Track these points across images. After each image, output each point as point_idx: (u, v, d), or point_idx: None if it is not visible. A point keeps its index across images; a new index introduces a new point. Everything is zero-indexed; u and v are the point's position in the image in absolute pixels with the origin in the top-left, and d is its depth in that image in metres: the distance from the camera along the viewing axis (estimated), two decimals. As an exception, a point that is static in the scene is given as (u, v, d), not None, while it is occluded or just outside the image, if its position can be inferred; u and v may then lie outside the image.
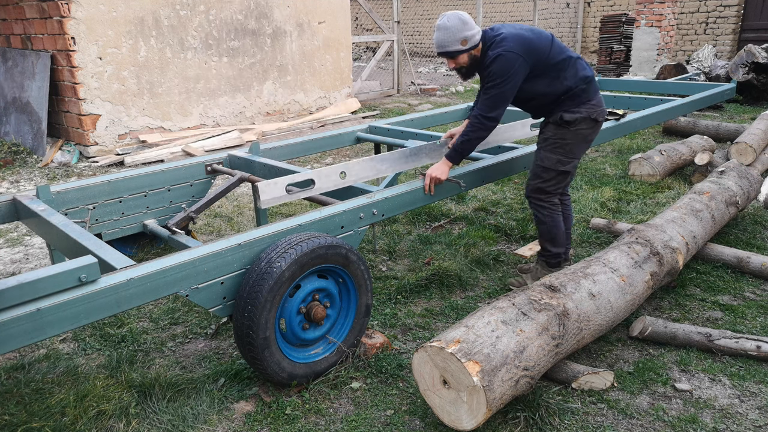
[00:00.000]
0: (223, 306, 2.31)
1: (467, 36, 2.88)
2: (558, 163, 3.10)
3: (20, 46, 6.74)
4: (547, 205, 3.19)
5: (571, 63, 3.03)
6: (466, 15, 2.93)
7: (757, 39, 11.48)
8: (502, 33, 2.92)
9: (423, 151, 3.24)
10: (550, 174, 3.13)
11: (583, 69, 3.07)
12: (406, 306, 3.20)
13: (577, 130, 3.06)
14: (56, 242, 2.62)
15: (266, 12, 7.70)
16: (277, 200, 2.65)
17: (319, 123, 8.06)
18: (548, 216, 3.20)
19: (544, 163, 3.12)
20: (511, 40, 2.88)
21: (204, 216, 4.62)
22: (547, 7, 15.61)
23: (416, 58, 17.95)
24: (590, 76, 3.08)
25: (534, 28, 3.06)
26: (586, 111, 3.04)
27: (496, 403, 2.06)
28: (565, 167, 3.11)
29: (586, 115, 3.04)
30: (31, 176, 5.85)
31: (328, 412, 2.36)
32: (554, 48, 3.00)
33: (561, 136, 3.08)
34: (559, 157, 3.09)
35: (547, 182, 3.15)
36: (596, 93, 3.12)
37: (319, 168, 2.78)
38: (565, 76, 3.01)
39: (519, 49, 2.86)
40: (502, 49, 2.86)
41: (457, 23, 2.86)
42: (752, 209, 4.39)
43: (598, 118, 3.10)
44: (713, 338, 2.67)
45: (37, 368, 2.67)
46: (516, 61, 2.85)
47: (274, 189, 2.61)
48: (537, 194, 3.19)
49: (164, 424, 2.27)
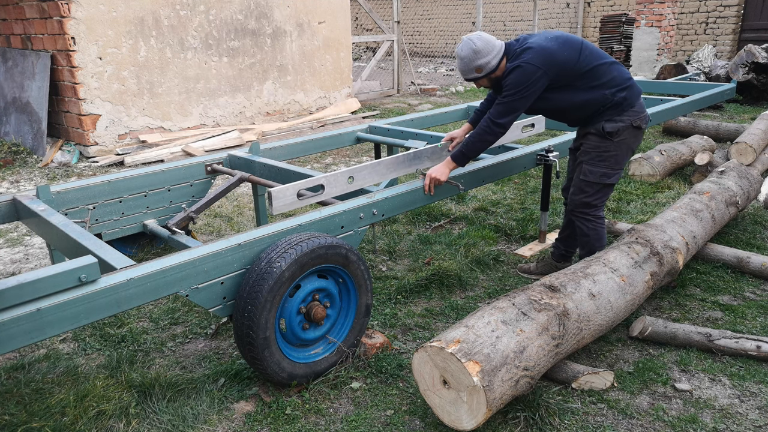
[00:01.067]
0: (223, 306, 2.31)
1: (480, 64, 2.88)
2: (603, 177, 3.03)
3: (20, 46, 6.74)
4: (592, 218, 3.14)
5: (604, 69, 2.92)
6: (481, 41, 2.87)
7: (757, 39, 11.48)
8: (526, 44, 2.87)
9: (425, 154, 3.25)
10: (594, 188, 3.07)
11: (620, 74, 2.95)
12: (406, 306, 3.20)
13: (620, 141, 2.98)
14: (56, 242, 2.62)
15: (266, 12, 7.70)
16: (289, 206, 2.65)
17: (319, 123, 8.06)
18: (593, 230, 3.14)
19: (588, 178, 3.05)
20: (533, 51, 2.81)
21: (204, 216, 4.62)
22: (547, 7, 15.61)
23: (416, 58, 17.96)
24: (628, 80, 2.97)
25: (562, 35, 2.93)
26: (628, 119, 2.95)
27: (496, 403, 2.07)
28: (610, 180, 3.05)
29: (628, 124, 2.95)
30: (31, 176, 5.85)
31: (328, 412, 2.36)
32: (584, 56, 2.89)
33: (604, 149, 3.00)
34: (604, 170, 3.02)
35: (592, 196, 3.09)
36: (637, 97, 3.00)
37: (328, 173, 2.78)
38: (601, 84, 2.91)
39: (538, 61, 2.79)
40: (520, 61, 2.81)
41: (469, 53, 2.86)
42: (752, 209, 4.39)
43: (641, 125, 3.01)
44: (713, 338, 2.67)
45: (37, 368, 2.67)
46: (534, 74, 2.79)
47: (287, 195, 2.62)
48: (583, 209, 3.13)
49: (164, 424, 2.27)
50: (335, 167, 6.16)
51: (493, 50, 2.88)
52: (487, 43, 2.88)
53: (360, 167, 2.93)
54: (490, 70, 2.90)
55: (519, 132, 3.69)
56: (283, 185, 2.64)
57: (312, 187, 2.74)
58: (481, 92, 10.91)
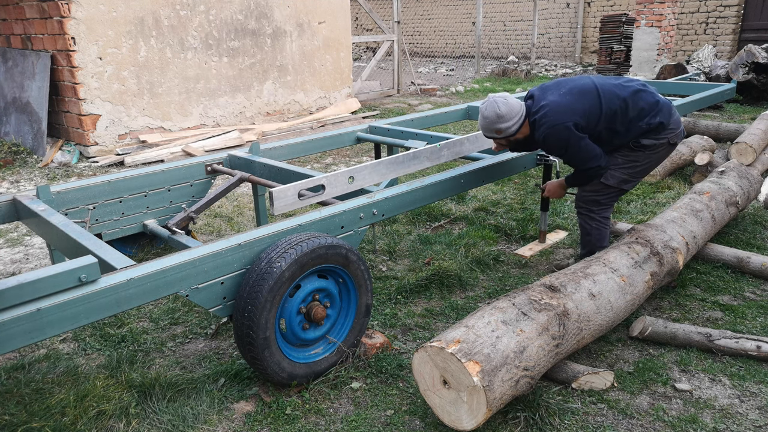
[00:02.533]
0: (223, 306, 2.31)
1: (501, 128, 2.92)
2: (622, 183, 3.07)
3: (20, 46, 6.74)
4: (597, 217, 3.15)
5: (631, 103, 2.90)
6: (506, 106, 2.89)
7: (757, 39, 11.48)
8: (541, 105, 2.87)
9: (423, 154, 3.25)
10: (610, 191, 3.10)
11: (646, 102, 2.92)
12: (406, 306, 3.20)
13: (652, 154, 3.01)
14: (56, 242, 2.61)
15: (266, 12, 7.70)
16: (290, 206, 2.65)
17: (319, 123, 8.06)
18: (596, 229, 3.16)
19: (609, 181, 3.06)
20: (551, 113, 2.82)
21: (204, 216, 4.62)
22: (547, 7, 15.61)
23: (416, 58, 17.96)
24: (656, 104, 2.94)
25: (575, 84, 2.92)
26: (665, 137, 2.97)
27: (496, 404, 2.06)
28: (627, 186, 3.09)
29: (665, 141, 2.99)
30: (31, 176, 5.85)
31: (328, 412, 2.36)
32: (605, 98, 2.87)
33: (634, 159, 3.02)
34: (626, 177, 3.05)
35: (604, 197, 3.12)
36: (670, 115, 2.96)
37: (328, 173, 2.79)
38: (630, 119, 2.91)
39: (562, 117, 2.81)
40: (545, 128, 2.83)
41: (492, 116, 2.90)
42: (752, 209, 4.39)
43: (677, 142, 3.03)
44: (713, 338, 2.67)
45: (37, 368, 2.67)
46: (565, 131, 2.81)
47: (288, 195, 2.62)
48: (590, 205, 3.15)
49: (164, 424, 2.27)
50: (335, 167, 6.16)
51: (516, 116, 2.91)
52: (511, 109, 2.90)
53: (360, 167, 2.93)
54: (510, 134, 2.95)
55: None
56: (284, 185, 2.64)
57: (313, 187, 2.74)
58: (481, 94, 10.91)
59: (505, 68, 13.23)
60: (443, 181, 3.09)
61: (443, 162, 3.39)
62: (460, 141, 3.42)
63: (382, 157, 3.80)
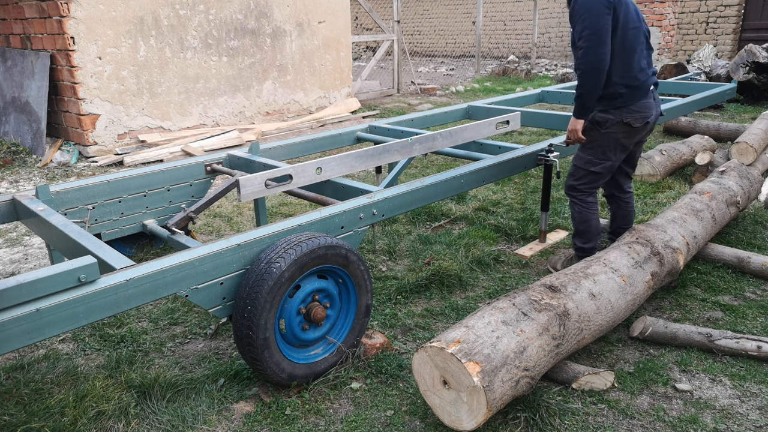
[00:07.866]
0: (223, 306, 2.31)
1: None
2: (588, 164, 3.12)
3: (19, 45, 6.73)
4: (578, 202, 3.25)
5: (639, 51, 2.88)
6: None
7: (758, 39, 11.48)
8: None
9: (394, 148, 3.23)
10: (580, 173, 3.18)
11: (639, 66, 2.90)
12: (406, 306, 3.20)
13: (607, 133, 3.03)
14: (56, 242, 2.61)
15: (266, 12, 7.70)
16: (256, 194, 2.66)
17: (318, 123, 8.05)
18: (578, 212, 3.26)
19: (576, 162, 3.19)
20: None
21: (204, 216, 4.61)
22: (547, 7, 15.60)
23: (416, 57, 17.95)
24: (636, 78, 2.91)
25: None
26: (619, 114, 2.97)
27: (497, 404, 2.06)
28: (594, 168, 3.11)
29: (618, 119, 2.97)
30: (30, 176, 5.84)
31: (328, 413, 2.35)
32: (634, 21, 2.85)
33: (592, 138, 3.09)
34: (590, 157, 3.11)
35: (578, 180, 3.20)
36: (640, 98, 2.95)
37: (296, 164, 2.81)
38: (626, 62, 2.87)
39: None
40: None
41: None
42: (753, 209, 4.39)
43: (633, 124, 2.99)
44: (714, 338, 2.67)
45: (36, 368, 2.66)
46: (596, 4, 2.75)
47: (255, 183, 2.64)
48: (570, 191, 3.27)
49: (164, 424, 2.27)
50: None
51: None
52: None
53: (329, 159, 2.93)
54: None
55: (493, 128, 3.68)
56: (251, 174, 2.65)
57: (279, 177, 2.74)
58: (481, 93, 10.91)
59: (505, 68, 13.24)
60: (443, 181, 3.08)
61: (415, 156, 3.36)
62: (433, 136, 3.40)
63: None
